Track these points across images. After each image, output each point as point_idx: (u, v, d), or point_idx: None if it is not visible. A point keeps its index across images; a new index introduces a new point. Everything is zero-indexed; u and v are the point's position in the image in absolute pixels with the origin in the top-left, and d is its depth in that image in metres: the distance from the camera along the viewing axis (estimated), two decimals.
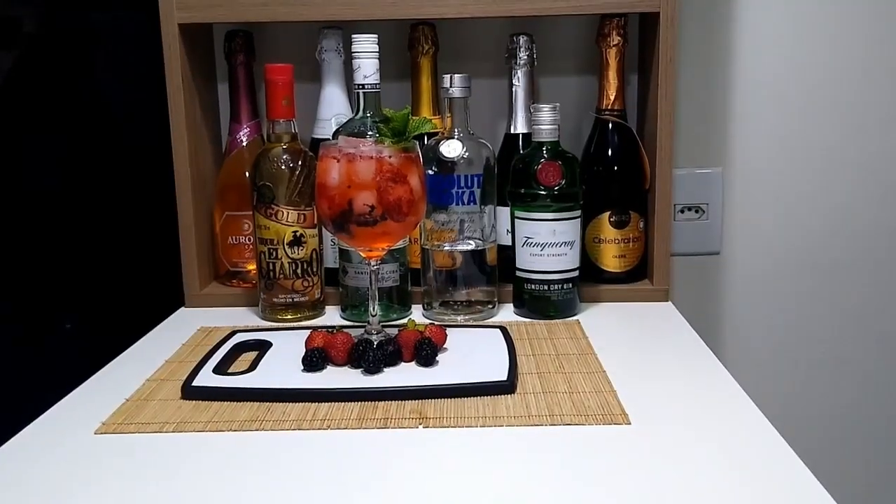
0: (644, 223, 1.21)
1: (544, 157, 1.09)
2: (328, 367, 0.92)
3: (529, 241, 1.10)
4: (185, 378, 0.90)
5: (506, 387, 0.86)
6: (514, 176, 1.12)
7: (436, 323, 1.06)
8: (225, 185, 1.24)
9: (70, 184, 1.30)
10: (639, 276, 1.22)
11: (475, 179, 1.09)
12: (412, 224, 0.94)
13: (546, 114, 1.09)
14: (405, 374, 0.89)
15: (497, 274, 1.14)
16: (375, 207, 0.90)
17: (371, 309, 0.98)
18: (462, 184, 1.08)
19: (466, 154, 1.08)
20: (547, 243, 1.09)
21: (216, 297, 1.22)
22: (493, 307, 1.14)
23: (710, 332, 1.08)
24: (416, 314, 1.15)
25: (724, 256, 1.35)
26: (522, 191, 1.10)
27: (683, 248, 1.32)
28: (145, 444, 0.77)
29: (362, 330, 0.99)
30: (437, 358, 0.92)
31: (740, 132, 1.31)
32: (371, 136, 1.04)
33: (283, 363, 0.93)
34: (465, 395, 0.85)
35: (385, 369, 0.90)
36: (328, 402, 0.84)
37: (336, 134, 1.12)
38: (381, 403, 0.84)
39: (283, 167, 1.10)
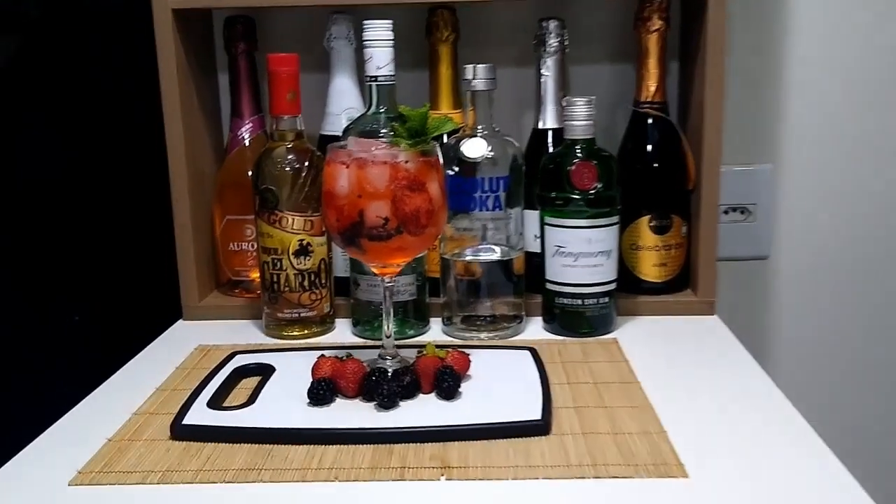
0: (687, 228, 1.09)
1: (578, 157, 0.97)
2: (337, 399, 0.81)
3: (561, 250, 0.99)
4: (175, 413, 0.79)
5: (540, 427, 0.75)
6: (543, 177, 1.00)
7: (456, 343, 0.95)
8: (225, 186, 1.13)
9: (68, 179, 1.19)
10: (680, 285, 1.10)
11: (500, 182, 0.97)
12: (432, 237, 0.83)
13: (580, 108, 0.97)
14: (424, 410, 0.79)
15: (524, 284, 1.03)
16: (390, 220, 0.79)
17: (385, 328, 0.88)
18: (486, 187, 0.97)
19: (491, 153, 0.97)
20: (581, 253, 0.98)
21: (216, 309, 1.12)
22: (520, 322, 1.03)
23: (755, 347, 0.97)
24: (435, 329, 1.04)
25: (772, 261, 1.23)
26: (553, 194, 0.99)
27: (727, 253, 1.20)
28: (125, 499, 0.67)
29: (375, 354, 0.88)
30: (460, 388, 0.81)
31: (792, 125, 1.19)
32: (384, 135, 0.93)
33: (287, 393, 0.82)
34: (493, 437, 0.74)
35: (401, 403, 0.80)
36: (337, 444, 0.74)
37: (346, 132, 1.00)
38: (398, 447, 0.73)
39: (287, 169, 0.99)
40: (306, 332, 1.03)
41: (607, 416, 0.78)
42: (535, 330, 1.03)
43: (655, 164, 1.08)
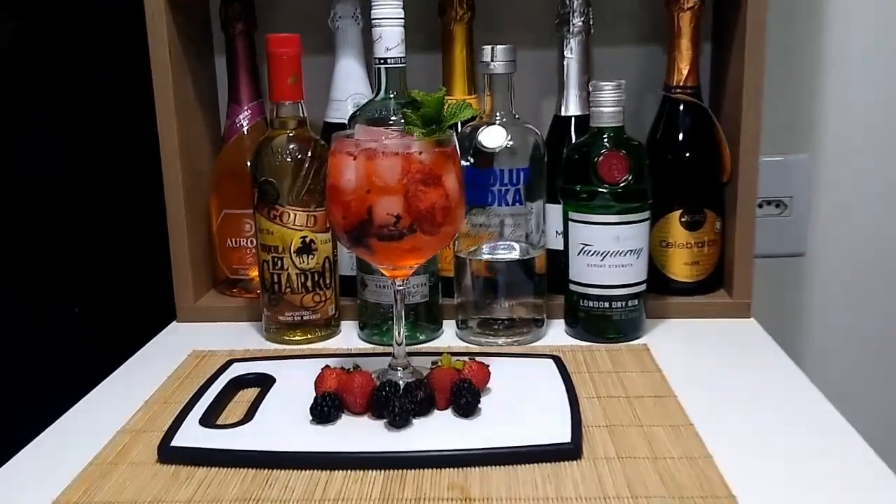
0: (721, 223, 1.01)
1: (606, 147, 0.89)
2: (343, 415, 0.73)
3: (587, 248, 0.90)
4: (165, 430, 0.72)
5: (570, 451, 0.67)
6: (567, 169, 0.92)
7: (472, 350, 0.87)
8: (222, 177, 1.05)
9: (67, 179, 1.12)
10: (713, 285, 1.02)
11: (520, 174, 0.89)
12: (448, 236, 0.75)
13: (608, 93, 0.89)
14: (440, 430, 0.71)
15: (545, 284, 0.95)
16: (402, 217, 0.70)
17: (396, 335, 0.80)
18: (504, 180, 0.89)
19: (510, 143, 0.89)
20: (608, 252, 0.90)
21: (213, 310, 1.04)
22: (542, 326, 0.95)
23: (789, 350, 0.89)
24: (449, 333, 0.96)
25: (809, 258, 1.15)
26: (578, 187, 0.90)
27: (760, 249, 1.10)
28: None
29: (385, 364, 0.80)
30: (479, 404, 0.73)
31: (831, 111, 1.11)
32: (394, 123, 0.85)
33: (288, 409, 0.75)
34: (518, 462, 0.66)
35: (414, 420, 0.72)
36: (344, 469, 0.66)
37: (352, 119, 0.92)
38: (411, 473, 0.65)
39: (288, 160, 0.91)
40: (309, 336, 0.95)
41: (644, 437, 0.70)
42: (556, 334, 0.96)
43: (688, 155, 0.99)
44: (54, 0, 1.07)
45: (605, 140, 0.90)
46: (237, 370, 0.85)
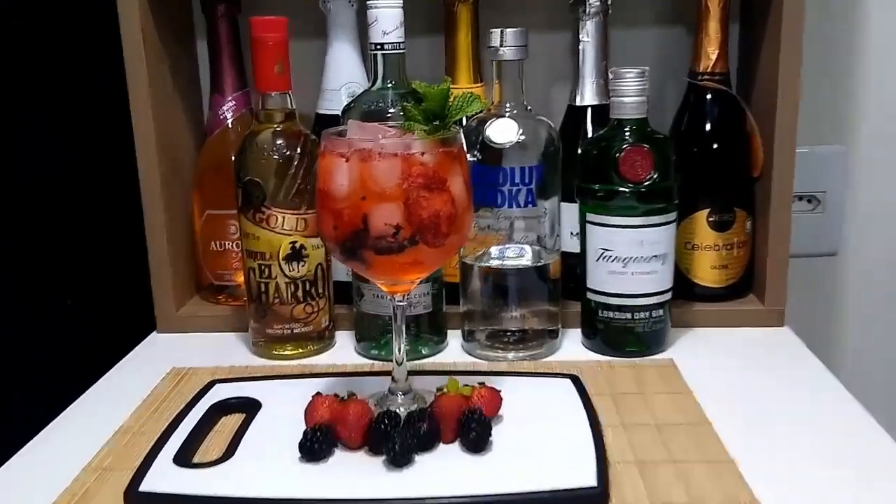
0: (751, 223, 0.92)
1: (628, 141, 0.80)
2: (336, 451, 0.65)
3: (607, 253, 0.82)
4: (134, 469, 0.63)
5: (596, 497, 0.58)
6: (584, 166, 0.83)
7: (481, 368, 0.79)
8: (205, 175, 0.96)
9: (66, 179, 1.03)
10: (742, 290, 0.94)
11: (532, 173, 0.80)
12: (454, 247, 0.66)
13: (631, 82, 0.80)
14: (447, 468, 0.62)
15: (560, 291, 0.86)
16: (402, 228, 0.62)
17: (395, 355, 0.71)
18: (515, 179, 0.80)
19: (522, 137, 0.80)
20: (630, 258, 0.81)
21: (196, 319, 0.95)
22: (556, 337, 0.86)
23: (821, 357, 0.81)
24: (454, 345, 0.88)
25: (842, 259, 1.06)
26: (596, 187, 0.81)
27: (791, 249, 1.02)
28: None
29: (385, 386, 0.72)
30: (490, 437, 0.65)
31: (869, 100, 1.02)
32: (393, 116, 0.76)
33: (275, 441, 0.66)
34: None
35: (417, 457, 0.63)
36: None
37: (346, 112, 0.83)
38: None
39: (275, 157, 0.82)
40: (300, 350, 0.86)
41: (680, 476, 0.61)
42: (572, 347, 0.87)
43: (716, 148, 0.90)
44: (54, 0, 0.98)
45: (627, 133, 0.81)
46: (220, 393, 0.76)
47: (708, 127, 0.90)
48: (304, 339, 0.86)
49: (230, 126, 0.95)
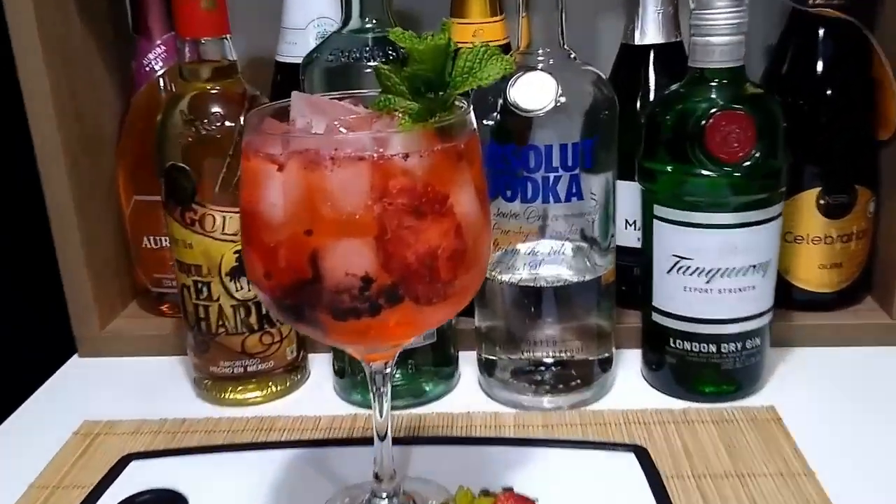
0: (875, 204, 0.67)
1: (717, 103, 0.55)
2: None
3: (683, 263, 0.57)
4: None
5: None
6: (651, 137, 0.58)
7: (503, 420, 0.55)
8: (130, 148, 0.72)
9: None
10: (858, 296, 0.69)
11: (578, 152, 0.55)
12: (463, 296, 0.42)
13: (724, 13, 0.54)
14: None
15: (614, 300, 0.62)
16: (374, 279, 0.37)
17: (376, 433, 0.48)
18: (553, 162, 0.55)
19: (563, 99, 0.54)
20: (718, 269, 0.56)
21: (129, 340, 0.72)
22: (609, 370, 0.62)
23: None
24: (468, 380, 0.65)
25: None
26: (669, 168, 0.57)
27: None
28: None
29: (369, 479, 0.49)
30: None
31: None
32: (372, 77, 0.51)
33: None
34: None
35: None
36: None
37: (307, 68, 0.58)
38: None
39: (207, 131, 0.57)
40: (259, 394, 0.63)
41: None
42: (628, 380, 0.64)
43: (831, 102, 0.64)
44: None
45: (716, 90, 0.55)
46: (134, 477, 0.53)
47: (820, 72, 0.64)
48: (263, 377, 0.63)
49: (160, 81, 0.70)
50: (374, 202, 0.37)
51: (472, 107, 0.41)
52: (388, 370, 0.45)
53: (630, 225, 0.67)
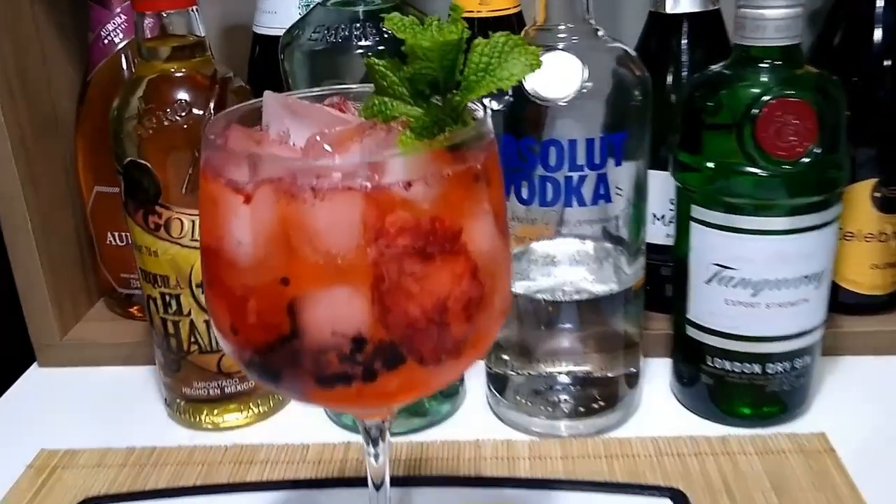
0: None
1: (770, 88, 0.46)
2: None
3: (727, 273, 0.49)
4: None
5: None
6: (689, 126, 0.50)
7: (514, 447, 0.48)
8: (88, 133, 0.63)
9: None
10: None
11: (606, 147, 0.47)
12: (479, 348, 0.34)
13: None
14: None
15: (642, 306, 0.55)
16: (368, 340, 0.29)
17: (371, 485, 0.40)
18: (578, 159, 0.47)
19: (589, 84, 0.46)
20: (767, 281, 0.49)
21: (93, 347, 0.64)
22: (635, 385, 0.55)
23: None
24: (474, 397, 0.57)
25: None
26: (710, 165, 0.48)
27: None
28: None
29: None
30: None
31: None
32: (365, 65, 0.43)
33: None
34: None
35: None
36: None
37: (286, 49, 0.49)
38: None
39: (170, 122, 0.49)
40: (239, 417, 0.56)
41: None
42: (655, 396, 0.56)
43: (887, 76, 0.56)
44: None
45: (768, 73, 0.47)
46: None
47: (878, 42, 0.56)
48: (243, 399, 0.55)
49: (123, 55, 0.61)
50: (368, 243, 0.29)
51: (489, 110, 0.33)
52: (388, 424, 0.37)
53: (658, 219, 0.59)
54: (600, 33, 0.47)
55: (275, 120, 0.33)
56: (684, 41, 0.56)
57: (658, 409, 0.56)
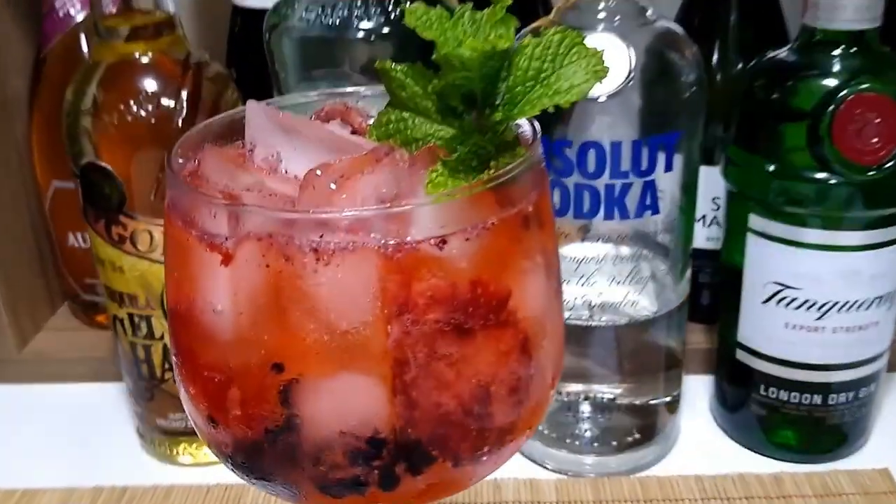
0: None
1: (847, 81, 0.39)
2: None
3: (789, 293, 0.43)
4: None
5: None
6: (746, 122, 0.43)
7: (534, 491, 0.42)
8: (44, 118, 0.55)
9: None
10: None
11: (657, 151, 0.39)
12: (525, 434, 0.26)
13: None
14: None
15: (685, 320, 0.48)
16: (388, 439, 0.22)
17: None
18: (621, 165, 0.40)
19: (632, 78, 0.39)
20: (835, 303, 0.42)
21: (55, 364, 0.57)
22: (675, 412, 0.48)
23: None
24: None
25: None
26: (772, 168, 0.41)
27: None
28: None
29: None
30: None
31: None
32: (369, 58, 0.35)
33: None
34: None
35: None
36: None
37: (272, 31, 0.41)
38: None
39: (131, 117, 0.41)
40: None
41: None
42: (695, 422, 0.50)
43: None
44: None
45: (844, 62, 0.39)
46: None
47: None
48: None
49: (80, 31, 0.53)
50: (389, 319, 0.21)
51: (537, 130, 0.25)
52: None
53: (698, 220, 0.52)
54: (649, 13, 0.40)
55: (262, 139, 0.25)
56: (732, 17, 0.49)
57: (699, 437, 0.49)
